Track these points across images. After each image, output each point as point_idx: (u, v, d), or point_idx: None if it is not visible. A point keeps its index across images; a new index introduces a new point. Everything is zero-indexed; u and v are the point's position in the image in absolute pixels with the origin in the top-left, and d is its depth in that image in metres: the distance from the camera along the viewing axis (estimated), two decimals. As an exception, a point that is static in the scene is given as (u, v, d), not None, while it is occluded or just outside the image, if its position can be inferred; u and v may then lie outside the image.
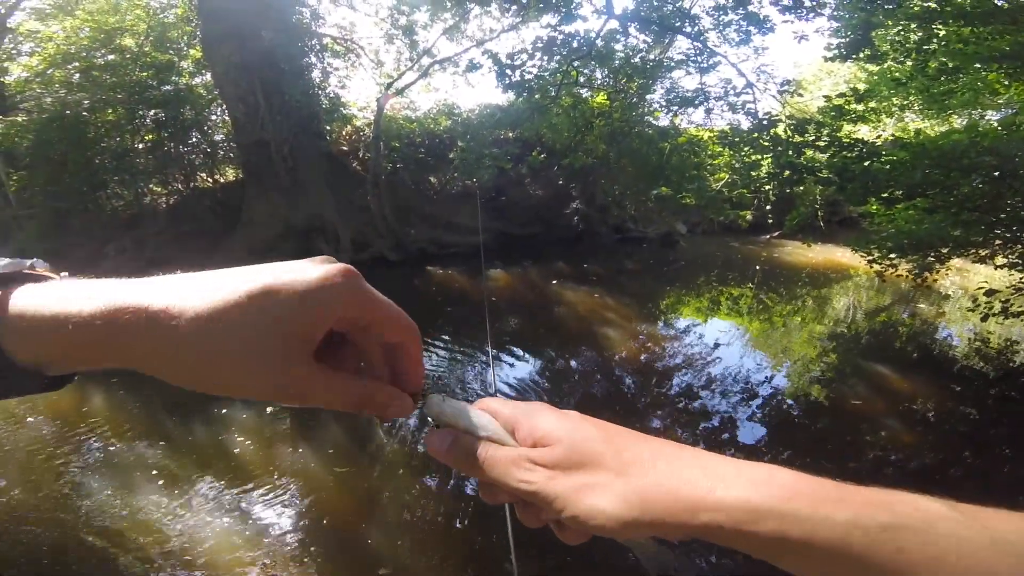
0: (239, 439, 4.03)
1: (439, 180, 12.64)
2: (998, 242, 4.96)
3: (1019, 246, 4.90)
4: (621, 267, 11.32)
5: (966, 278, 8.61)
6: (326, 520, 3.18)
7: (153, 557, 2.85)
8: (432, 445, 0.41)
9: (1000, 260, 5.02)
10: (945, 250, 5.16)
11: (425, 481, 3.58)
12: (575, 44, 8.43)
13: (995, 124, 5.34)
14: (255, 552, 2.90)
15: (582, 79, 10.02)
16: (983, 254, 5.07)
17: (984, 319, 5.14)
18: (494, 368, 5.34)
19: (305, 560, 2.85)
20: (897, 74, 6.62)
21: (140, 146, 10.90)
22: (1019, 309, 4.93)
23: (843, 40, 6.51)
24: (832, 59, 6.79)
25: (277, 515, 3.22)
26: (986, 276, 5.53)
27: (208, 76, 10.91)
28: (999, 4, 4.64)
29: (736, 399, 4.88)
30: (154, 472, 3.61)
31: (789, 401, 4.95)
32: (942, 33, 5.31)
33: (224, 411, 4.43)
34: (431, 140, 12.83)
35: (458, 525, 3.16)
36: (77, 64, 10.08)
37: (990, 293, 5.01)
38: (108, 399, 4.68)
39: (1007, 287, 5.07)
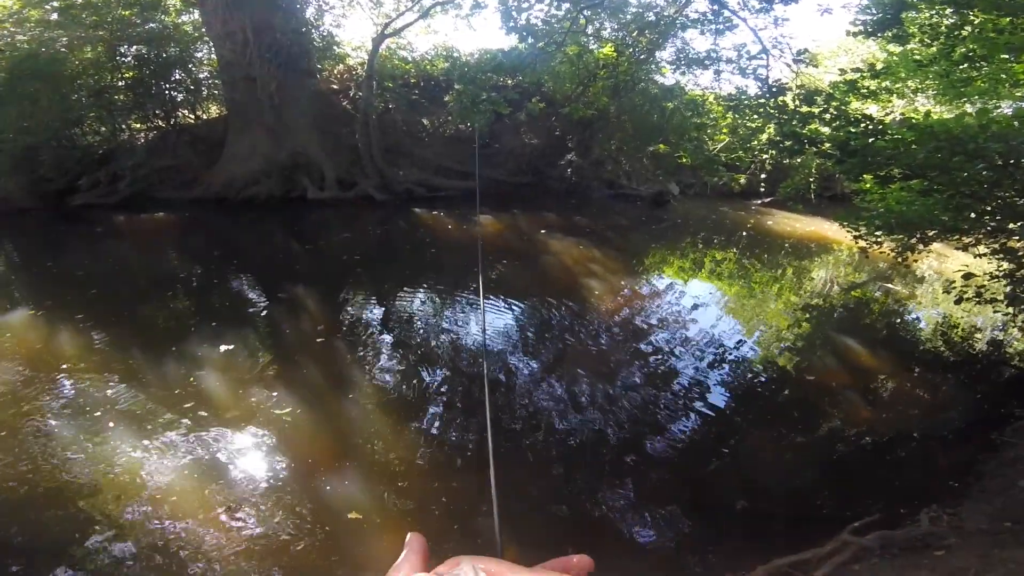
0: (211, 380, 4.02)
1: (432, 123, 12.19)
2: (985, 229, 5.01)
3: (1003, 235, 4.97)
4: (611, 222, 11.26)
5: (943, 262, 8.78)
6: (297, 464, 3.23)
7: (120, 497, 2.88)
8: None
9: (983, 248, 5.10)
10: (931, 232, 5.21)
11: (401, 427, 3.65)
12: (588, -8, 7.94)
13: (1007, 114, 5.28)
14: (221, 493, 2.95)
15: (590, 29, 9.52)
16: (967, 241, 5.13)
17: (958, 302, 5.28)
18: (484, 316, 5.37)
19: (272, 502, 2.90)
20: (919, 56, 6.48)
21: (120, 83, 10.66)
22: (992, 296, 5.07)
23: (871, 17, 6.34)
24: (856, 34, 6.63)
25: (246, 457, 3.26)
26: (963, 262, 5.65)
27: (196, 14, 10.52)
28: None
29: (707, 361, 5.03)
30: (123, 413, 3.60)
31: (758, 367, 5.11)
32: (977, 20, 5.14)
33: (196, 350, 4.40)
34: (427, 82, 12.29)
35: (434, 471, 3.25)
36: (56, 3, 9.63)
37: (967, 276, 5.13)
38: (75, 337, 4.59)
39: (983, 273, 5.18)
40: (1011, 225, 4.87)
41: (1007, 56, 4.79)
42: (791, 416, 4.32)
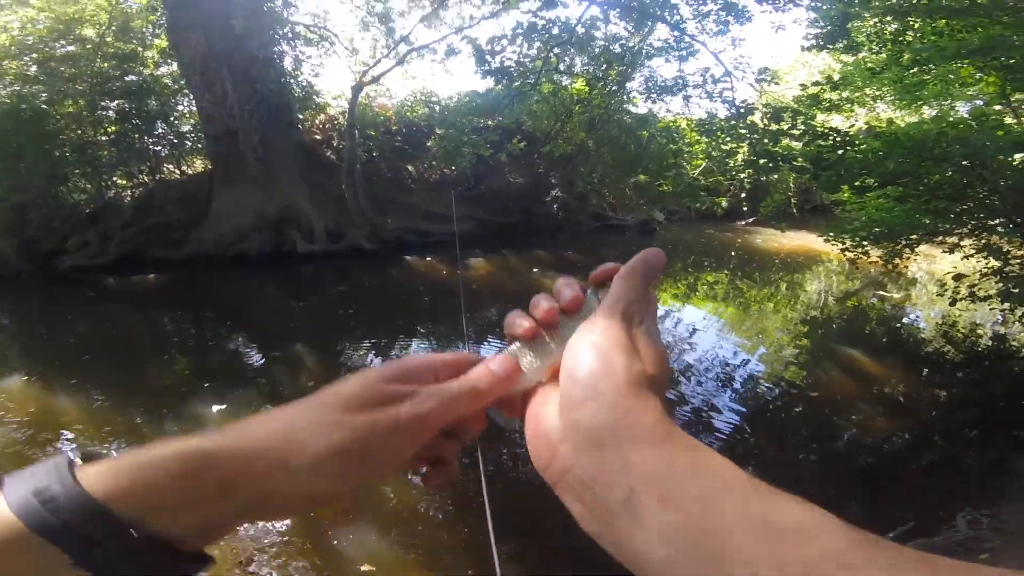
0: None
1: (417, 169, 12.43)
2: (965, 229, 5.10)
3: (985, 233, 5.05)
4: (601, 254, 11.35)
5: (932, 263, 8.90)
6: (304, 516, 3.08)
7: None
8: None
9: (968, 249, 5.18)
10: (915, 237, 5.30)
11: (404, 475, 3.51)
12: (555, 31, 8.35)
13: (964, 115, 5.49)
14: (232, 547, 2.81)
15: (562, 66, 9.96)
16: (951, 243, 5.22)
17: (952, 303, 5.30)
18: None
19: (286, 555, 2.79)
20: (871, 64, 6.75)
21: (103, 138, 10.56)
22: (985, 293, 5.10)
23: (820, 30, 6.61)
24: (809, 48, 6.89)
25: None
26: (952, 263, 5.72)
27: (175, 66, 10.58)
28: None
29: (713, 385, 4.94)
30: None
31: (765, 386, 5.03)
32: (917, 25, 5.40)
33: (192, 411, 4.28)
34: (408, 128, 12.59)
35: (442, 518, 3.13)
36: (35, 56, 9.65)
37: (958, 278, 5.18)
38: (70, 402, 4.47)
39: (973, 272, 5.24)
40: (991, 222, 4.98)
41: (951, 59, 5.02)
42: (806, 432, 4.22)
